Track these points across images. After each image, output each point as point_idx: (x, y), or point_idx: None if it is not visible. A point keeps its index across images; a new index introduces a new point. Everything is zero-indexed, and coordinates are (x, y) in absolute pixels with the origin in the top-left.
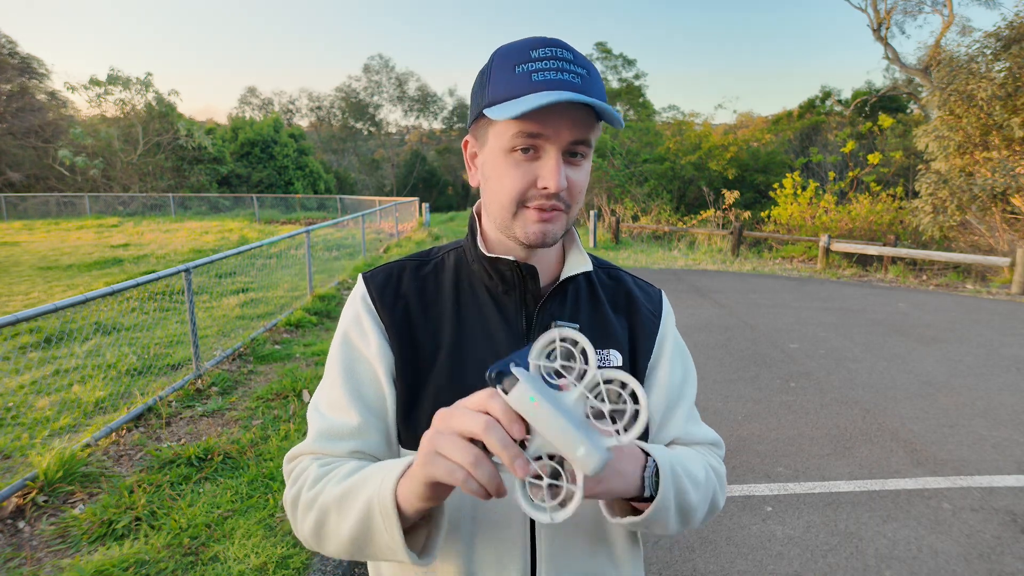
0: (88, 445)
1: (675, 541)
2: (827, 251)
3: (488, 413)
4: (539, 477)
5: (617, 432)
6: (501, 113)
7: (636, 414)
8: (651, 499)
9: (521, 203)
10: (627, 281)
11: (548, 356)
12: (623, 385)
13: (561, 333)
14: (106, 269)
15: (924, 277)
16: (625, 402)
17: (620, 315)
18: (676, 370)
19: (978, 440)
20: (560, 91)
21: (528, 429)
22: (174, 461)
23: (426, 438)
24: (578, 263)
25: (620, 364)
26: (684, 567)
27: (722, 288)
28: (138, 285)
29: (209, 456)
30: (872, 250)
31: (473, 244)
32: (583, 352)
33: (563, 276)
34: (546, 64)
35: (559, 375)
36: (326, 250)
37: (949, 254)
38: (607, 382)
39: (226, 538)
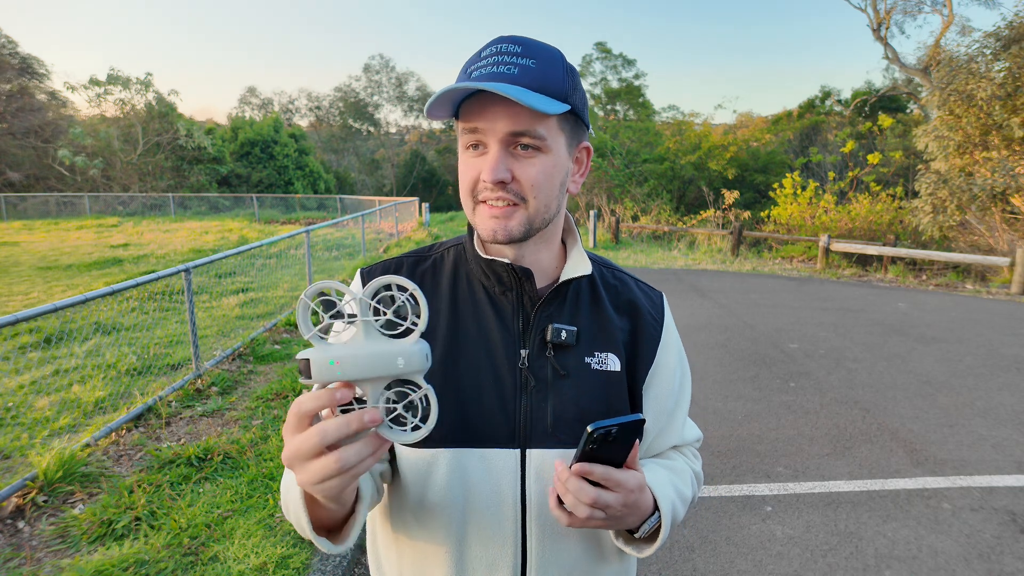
0: (88, 445)
1: (675, 541)
2: (827, 251)
3: (309, 416)
4: (392, 410)
5: (413, 325)
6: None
7: (414, 299)
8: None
9: (475, 199)
10: (630, 284)
11: (316, 322)
12: (387, 287)
13: (305, 296)
14: (106, 269)
15: (924, 277)
16: (396, 299)
17: (623, 316)
18: (676, 376)
19: (978, 440)
20: (484, 83)
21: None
22: (174, 461)
23: (293, 478)
24: (578, 266)
25: (617, 369)
26: (684, 567)
27: (722, 288)
28: (138, 285)
29: (209, 456)
30: (872, 250)
31: (471, 243)
32: (336, 292)
33: (562, 278)
34: (488, 60)
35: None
36: (326, 250)
37: (949, 254)
38: (374, 298)
39: (226, 538)
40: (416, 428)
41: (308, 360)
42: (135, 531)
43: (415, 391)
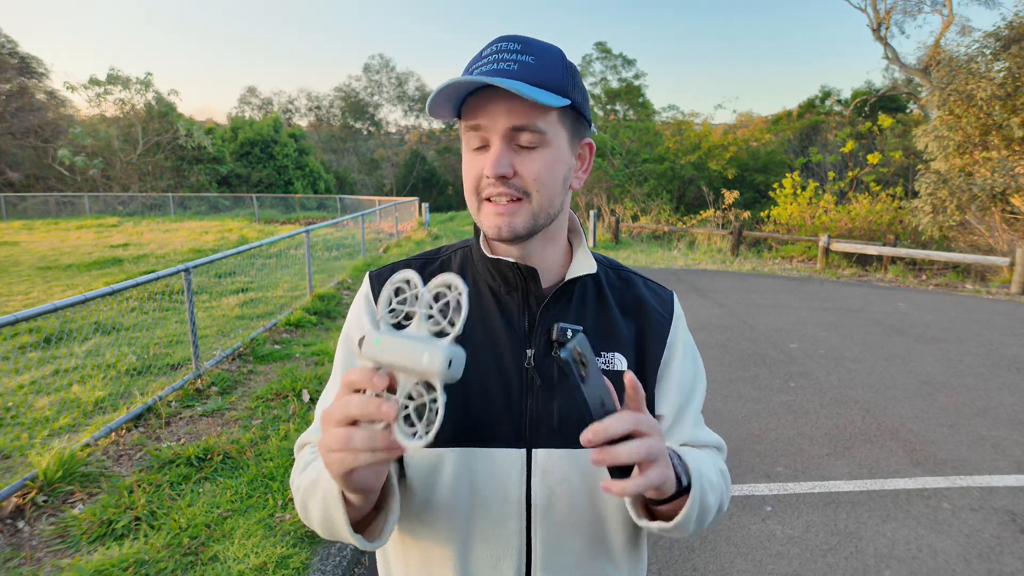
0: (88, 445)
1: (675, 541)
2: (827, 251)
3: (352, 387)
4: (405, 407)
5: (451, 324)
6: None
7: (458, 302)
8: (682, 494)
9: (479, 196)
10: (637, 283)
11: (392, 311)
12: (449, 286)
13: (393, 284)
14: (106, 269)
15: (924, 277)
16: (443, 297)
17: (628, 317)
18: (687, 373)
19: (977, 440)
20: (480, 78)
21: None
22: (174, 461)
23: (317, 479)
24: (583, 265)
25: (624, 368)
26: (684, 567)
27: (722, 288)
28: (138, 285)
29: (209, 456)
30: (872, 250)
31: (477, 244)
32: (408, 283)
33: (567, 278)
34: (490, 59)
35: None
36: (326, 250)
37: (949, 254)
38: (436, 295)
39: (226, 538)
40: (418, 436)
41: (364, 336)
42: (135, 531)
43: (430, 395)
